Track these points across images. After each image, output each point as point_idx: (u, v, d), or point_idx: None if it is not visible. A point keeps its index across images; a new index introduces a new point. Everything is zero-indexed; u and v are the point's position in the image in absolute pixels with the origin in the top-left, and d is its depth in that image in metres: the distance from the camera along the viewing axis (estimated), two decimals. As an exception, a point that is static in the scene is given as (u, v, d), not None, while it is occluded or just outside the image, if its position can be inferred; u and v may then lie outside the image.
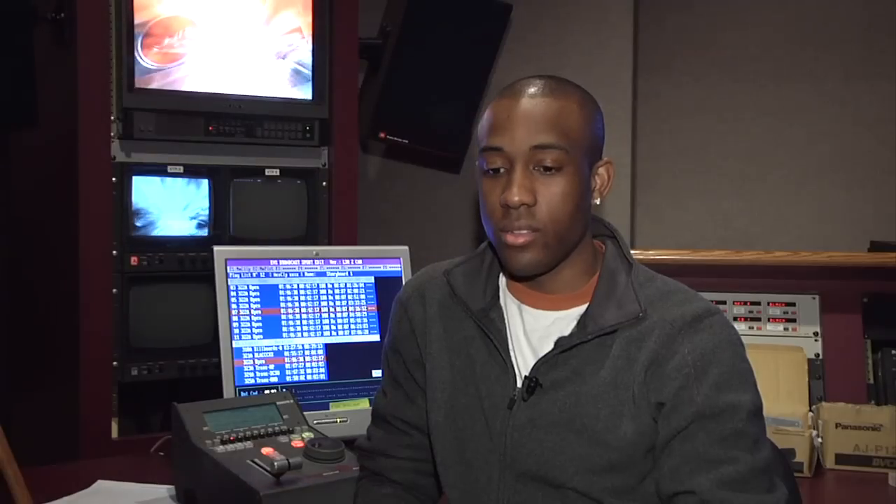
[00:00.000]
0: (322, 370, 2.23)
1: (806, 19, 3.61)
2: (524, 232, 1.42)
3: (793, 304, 2.59)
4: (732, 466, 1.37)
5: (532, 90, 1.44)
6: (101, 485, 1.98)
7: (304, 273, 2.25)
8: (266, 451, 1.73)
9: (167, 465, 1.99)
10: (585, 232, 1.49)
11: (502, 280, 1.54)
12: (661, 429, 1.41)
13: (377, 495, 1.61)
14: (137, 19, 2.54)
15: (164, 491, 1.92)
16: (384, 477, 1.63)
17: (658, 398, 1.40)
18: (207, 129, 2.66)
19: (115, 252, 2.56)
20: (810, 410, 2.35)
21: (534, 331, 1.48)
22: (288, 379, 2.19)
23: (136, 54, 2.54)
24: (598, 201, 1.49)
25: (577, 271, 1.49)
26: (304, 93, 2.82)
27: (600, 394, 1.42)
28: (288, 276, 2.23)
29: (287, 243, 2.66)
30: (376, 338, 2.28)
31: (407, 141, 3.34)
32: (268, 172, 2.78)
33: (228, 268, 2.16)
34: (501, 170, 1.43)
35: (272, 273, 2.21)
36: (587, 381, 1.43)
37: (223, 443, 1.74)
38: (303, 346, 2.22)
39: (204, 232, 2.69)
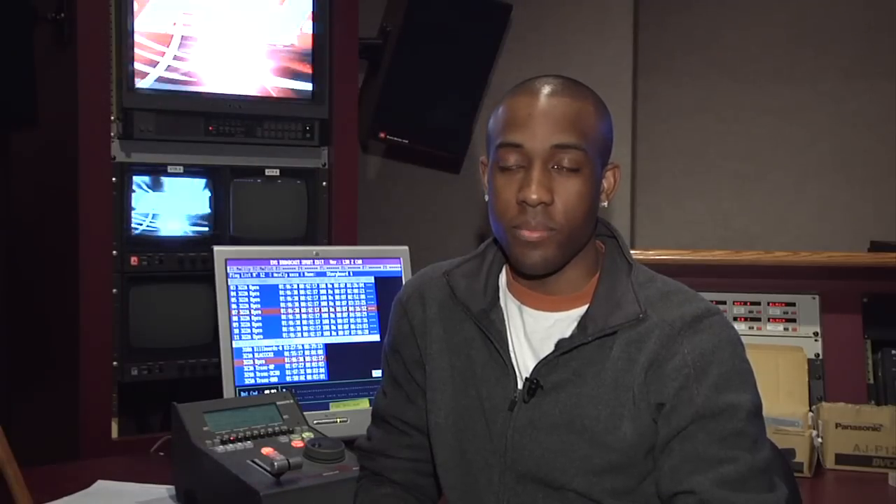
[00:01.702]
0: (322, 370, 2.23)
1: (806, 19, 3.61)
2: (539, 230, 1.41)
3: (793, 304, 2.58)
4: (732, 466, 1.37)
5: (550, 88, 1.43)
6: (101, 485, 1.99)
7: (304, 273, 2.25)
8: (266, 451, 1.73)
9: (167, 465, 1.99)
10: (593, 233, 1.50)
11: (502, 280, 1.54)
12: (660, 429, 1.41)
13: (377, 495, 1.61)
14: (137, 19, 2.54)
15: (164, 491, 1.92)
16: (384, 477, 1.63)
17: (658, 399, 1.40)
18: (207, 129, 2.66)
19: (115, 252, 2.56)
20: (810, 410, 2.34)
21: (534, 332, 1.48)
22: (288, 379, 2.19)
23: (135, 54, 2.54)
24: (605, 204, 1.50)
25: (580, 272, 1.49)
26: (305, 93, 2.81)
27: (601, 395, 1.42)
28: (288, 276, 2.23)
29: (287, 243, 2.65)
30: (376, 338, 2.28)
31: (407, 141, 3.34)
32: (268, 172, 2.78)
33: (228, 268, 2.16)
34: (516, 166, 1.43)
35: (272, 273, 2.21)
36: (588, 382, 1.43)
37: (223, 443, 1.74)
38: (303, 346, 2.22)
39: (204, 232, 2.69)
